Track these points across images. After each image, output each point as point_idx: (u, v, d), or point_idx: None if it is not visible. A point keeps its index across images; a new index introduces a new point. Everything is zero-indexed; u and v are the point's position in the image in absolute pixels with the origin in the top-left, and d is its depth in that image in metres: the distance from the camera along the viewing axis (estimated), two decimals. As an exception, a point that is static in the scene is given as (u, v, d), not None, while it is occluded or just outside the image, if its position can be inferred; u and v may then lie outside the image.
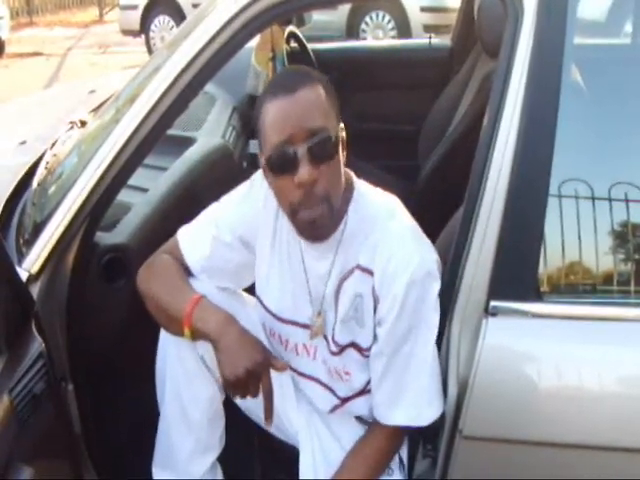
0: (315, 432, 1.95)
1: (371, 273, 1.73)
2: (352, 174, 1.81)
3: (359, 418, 1.96)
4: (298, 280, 1.85)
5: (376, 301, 1.74)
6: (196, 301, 1.75)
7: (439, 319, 1.75)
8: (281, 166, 1.63)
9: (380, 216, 1.76)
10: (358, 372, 1.85)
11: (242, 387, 1.68)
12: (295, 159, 1.60)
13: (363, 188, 1.80)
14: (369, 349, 1.80)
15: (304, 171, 1.60)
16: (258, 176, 1.89)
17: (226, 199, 1.92)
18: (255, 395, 1.70)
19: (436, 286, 1.74)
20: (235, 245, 1.88)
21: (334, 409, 1.94)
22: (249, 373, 1.65)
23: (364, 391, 1.89)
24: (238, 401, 1.98)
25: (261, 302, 1.93)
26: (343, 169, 1.73)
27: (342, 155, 1.71)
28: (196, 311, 1.74)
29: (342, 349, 1.82)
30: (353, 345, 1.81)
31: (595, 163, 1.83)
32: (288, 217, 1.72)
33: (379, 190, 1.83)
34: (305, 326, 1.87)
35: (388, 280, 1.70)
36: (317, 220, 1.66)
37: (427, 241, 1.77)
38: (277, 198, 1.73)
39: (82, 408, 1.99)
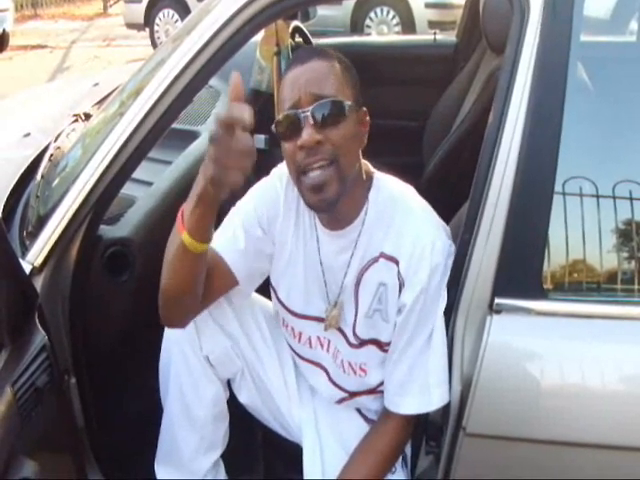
0: (318, 429, 1.95)
1: (396, 261, 1.73)
2: (369, 164, 1.82)
3: (364, 416, 1.96)
4: (313, 273, 1.84)
5: (401, 285, 1.73)
6: (181, 213, 1.61)
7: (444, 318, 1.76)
8: (288, 129, 1.65)
9: (400, 202, 1.77)
10: (374, 370, 1.85)
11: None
12: (299, 122, 1.62)
13: (381, 176, 1.81)
14: (390, 343, 1.80)
15: (306, 133, 1.61)
16: (275, 173, 1.89)
17: (246, 200, 1.87)
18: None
19: (450, 263, 1.75)
20: (264, 238, 1.84)
21: (341, 401, 1.95)
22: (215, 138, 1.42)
23: (375, 390, 1.89)
24: (243, 400, 1.98)
25: (276, 292, 1.93)
26: (359, 143, 1.74)
27: (358, 127, 1.72)
28: (183, 216, 1.59)
29: (362, 344, 1.82)
30: (375, 342, 1.81)
31: (600, 161, 1.82)
32: (296, 185, 1.71)
33: (395, 178, 1.84)
34: (318, 319, 1.87)
35: (414, 266, 1.71)
36: (322, 183, 1.63)
37: (442, 223, 1.79)
38: (287, 166, 1.72)
39: (85, 402, 1.99)
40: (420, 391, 1.76)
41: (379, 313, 1.78)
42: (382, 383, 1.85)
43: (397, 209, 1.76)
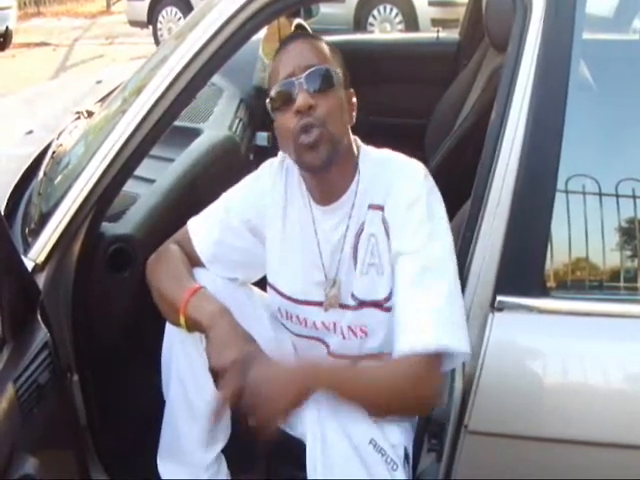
0: (321, 425, 1.94)
1: (381, 208, 1.75)
2: (358, 139, 1.86)
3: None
4: (311, 256, 1.85)
5: (387, 229, 1.74)
6: (194, 290, 1.76)
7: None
8: (283, 100, 1.73)
9: (387, 161, 1.81)
10: (376, 332, 1.82)
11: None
12: (294, 90, 1.70)
13: (367, 147, 1.86)
14: (389, 298, 1.78)
15: (300, 97, 1.69)
16: (266, 164, 1.94)
17: (235, 188, 1.95)
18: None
19: (441, 208, 1.74)
20: (243, 232, 1.90)
21: None
22: (235, 364, 1.63)
23: (380, 356, 1.87)
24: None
25: (275, 288, 1.93)
26: (348, 117, 1.79)
27: (346, 104, 1.78)
28: (192, 300, 1.74)
29: (361, 305, 1.81)
30: (374, 304, 1.80)
31: (602, 159, 1.82)
32: (292, 153, 1.76)
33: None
34: (320, 304, 1.87)
35: (394, 204, 1.73)
36: (317, 141, 1.69)
37: (427, 173, 1.79)
38: (282, 138, 1.78)
39: (87, 399, 1.99)
40: (412, 329, 1.65)
41: (374, 268, 1.78)
42: (384, 352, 1.84)
43: (385, 167, 1.79)
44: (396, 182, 1.74)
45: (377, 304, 1.80)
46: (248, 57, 3.36)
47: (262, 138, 3.41)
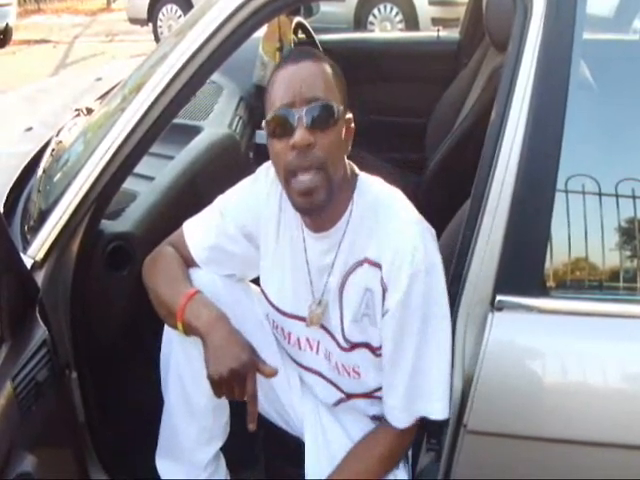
0: (320, 422, 1.95)
1: (379, 266, 1.71)
2: (354, 165, 1.81)
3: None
4: (300, 272, 1.84)
5: (384, 291, 1.71)
6: (190, 295, 1.76)
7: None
8: (279, 128, 1.66)
9: (384, 205, 1.75)
10: (369, 373, 1.83)
11: (226, 387, 1.66)
12: (292, 122, 1.63)
13: (366, 177, 1.81)
14: (381, 347, 1.78)
15: (299, 134, 1.62)
16: (262, 169, 1.91)
17: (231, 192, 1.93)
18: (240, 397, 1.67)
19: (441, 277, 1.71)
20: (238, 238, 1.88)
21: (338, 402, 1.94)
22: (233, 373, 1.64)
23: (372, 395, 1.88)
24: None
25: (265, 295, 1.93)
26: (345, 148, 1.73)
27: (344, 133, 1.71)
28: (189, 305, 1.74)
29: (354, 347, 1.81)
30: (366, 345, 1.80)
31: (602, 159, 1.82)
32: (283, 186, 1.72)
33: (380, 180, 1.82)
34: (305, 319, 1.86)
35: (395, 271, 1.68)
36: (312, 188, 1.64)
37: (431, 231, 1.75)
38: (274, 165, 1.73)
39: (86, 396, 1.99)
40: (412, 403, 1.76)
41: (367, 318, 1.77)
42: (379, 388, 1.85)
43: (381, 212, 1.74)
44: (395, 245, 1.69)
45: (369, 347, 1.80)
46: (248, 55, 3.36)
47: (262, 136, 3.40)
